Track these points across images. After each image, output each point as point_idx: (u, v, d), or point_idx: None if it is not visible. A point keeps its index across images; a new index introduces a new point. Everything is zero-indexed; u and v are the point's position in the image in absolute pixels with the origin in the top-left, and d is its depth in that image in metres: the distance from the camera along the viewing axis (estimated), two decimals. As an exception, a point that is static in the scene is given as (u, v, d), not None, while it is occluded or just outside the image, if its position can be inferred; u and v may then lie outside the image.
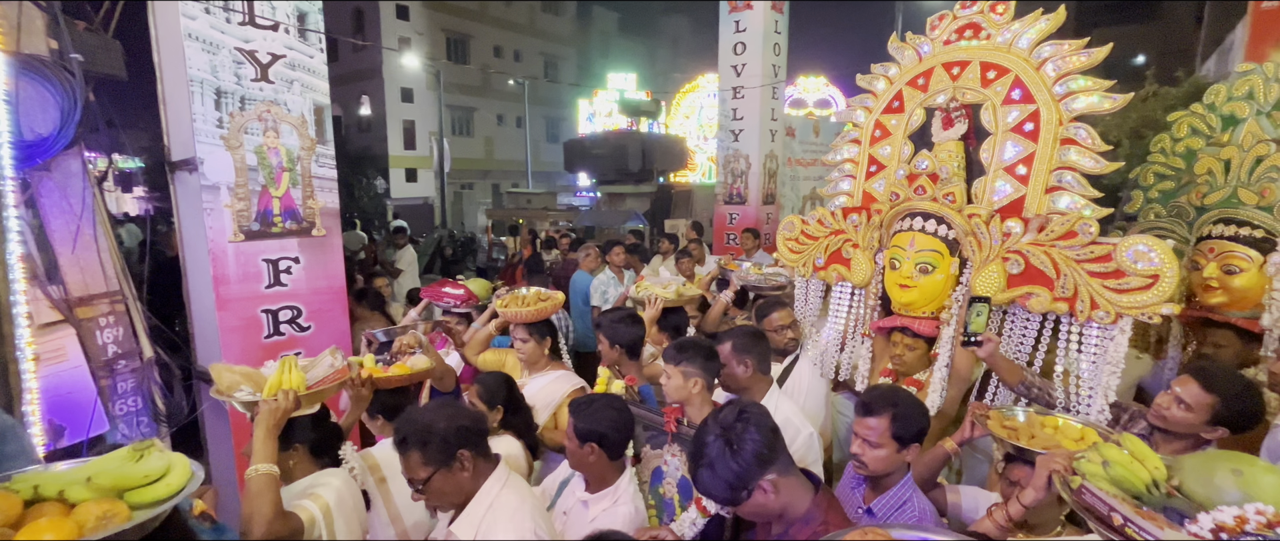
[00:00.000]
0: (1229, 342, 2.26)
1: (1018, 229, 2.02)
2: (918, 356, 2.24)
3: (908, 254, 2.17)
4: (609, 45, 32.60)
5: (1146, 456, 1.21)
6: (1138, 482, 1.17)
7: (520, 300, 2.74)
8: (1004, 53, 2.12)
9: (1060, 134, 2.00)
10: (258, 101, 3.36)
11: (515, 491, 1.67)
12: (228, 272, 3.35)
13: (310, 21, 3.55)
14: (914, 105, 2.33)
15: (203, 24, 3.15)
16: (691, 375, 2.02)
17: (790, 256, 2.69)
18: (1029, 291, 2.00)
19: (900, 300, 2.23)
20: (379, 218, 21.60)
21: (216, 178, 3.26)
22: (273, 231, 3.49)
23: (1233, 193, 2.44)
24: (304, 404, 1.86)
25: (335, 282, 3.77)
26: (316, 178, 3.64)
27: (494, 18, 26.79)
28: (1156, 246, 1.80)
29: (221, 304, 3.35)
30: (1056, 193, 2.01)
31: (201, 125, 3.19)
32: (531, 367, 2.63)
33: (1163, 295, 1.78)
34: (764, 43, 7.84)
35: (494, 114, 27.54)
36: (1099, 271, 1.89)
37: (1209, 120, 2.69)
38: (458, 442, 1.59)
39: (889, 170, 2.40)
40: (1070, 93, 2.00)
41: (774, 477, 1.37)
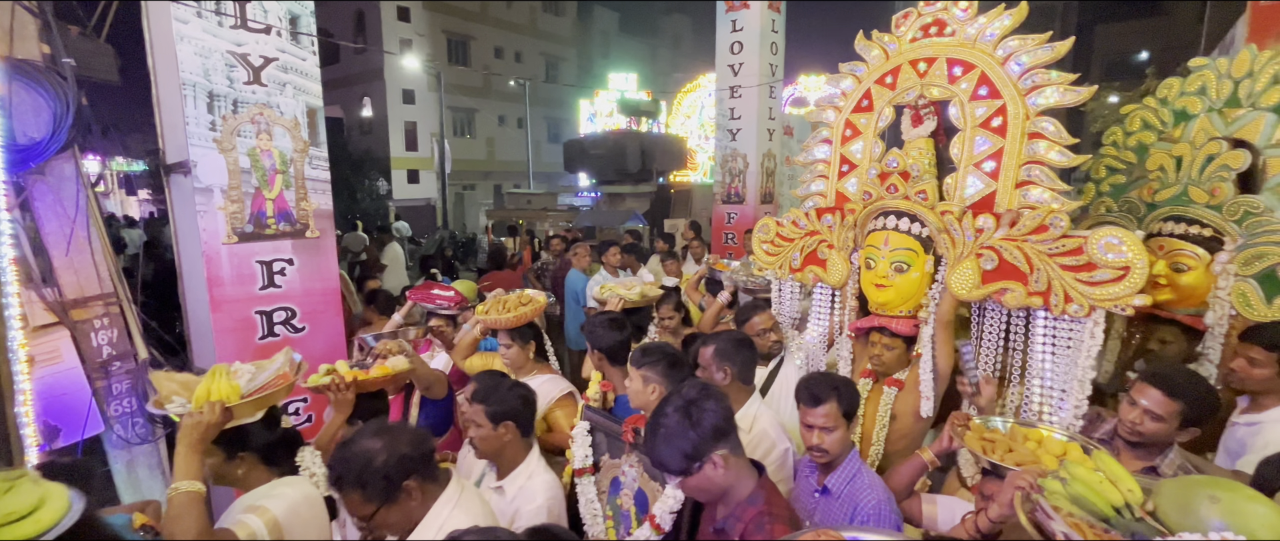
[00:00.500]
0: (1174, 339, 2.27)
1: (990, 224, 2.02)
2: (896, 356, 2.24)
3: (882, 253, 2.17)
4: (610, 45, 32.62)
5: (1121, 478, 1.18)
6: (1102, 504, 1.14)
7: (501, 305, 2.73)
8: (969, 48, 2.12)
9: (1027, 128, 2.00)
10: (250, 104, 3.39)
11: (466, 512, 1.60)
12: (222, 274, 3.37)
13: (302, 24, 3.57)
14: (883, 103, 2.34)
15: (195, 27, 3.17)
16: (651, 381, 1.99)
17: (766, 258, 2.69)
18: (1003, 287, 2.00)
19: (877, 300, 2.23)
20: (381, 219, 21.70)
21: (210, 180, 3.28)
22: (266, 233, 3.52)
23: (1183, 190, 2.43)
24: (243, 411, 1.74)
25: (329, 284, 3.79)
26: (310, 180, 3.67)
27: (495, 19, 26.84)
28: (1126, 238, 1.81)
29: (216, 305, 3.37)
30: (1026, 187, 2.01)
31: (194, 128, 3.21)
32: (517, 372, 2.62)
33: (1134, 286, 1.79)
34: (761, 42, 7.84)
35: (495, 115, 27.58)
36: (1071, 265, 1.90)
37: (1161, 115, 2.67)
38: (401, 474, 1.50)
39: (861, 169, 2.40)
40: (1035, 87, 2.00)
41: (726, 453, 1.42)
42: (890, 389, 2.23)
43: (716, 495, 1.47)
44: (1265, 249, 2.15)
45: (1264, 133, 2.33)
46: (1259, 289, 2.15)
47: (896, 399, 2.21)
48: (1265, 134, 2.33)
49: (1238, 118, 2.41)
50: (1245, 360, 1.92)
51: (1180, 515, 1.08)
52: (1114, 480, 1.17)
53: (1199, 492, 1.09)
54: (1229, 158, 2.29)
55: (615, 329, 2.56)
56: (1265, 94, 2.37)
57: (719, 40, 8.13)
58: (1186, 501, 1.09)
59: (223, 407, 1.66)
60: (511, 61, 27.66)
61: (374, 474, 1.47)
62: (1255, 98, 2.40)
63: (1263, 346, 1.88)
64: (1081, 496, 1.15)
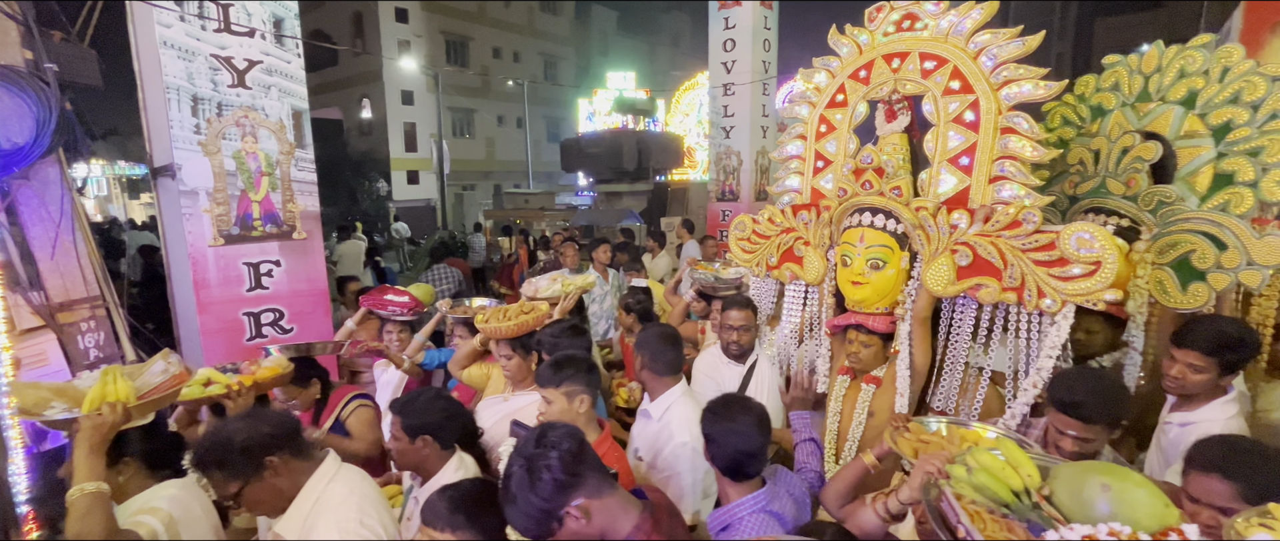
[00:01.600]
0: (1099, 329, 2.27)
1: (964, 221, 2.02)
2: (873, 353, 2.23)
3: (858, 250, 2.16)
4: (608, 44, 32.59)
5: (1021, 463, 1.19)
6: (1003, 490, 1.15)
7: (501, 314, 2.60)
8: (941, 43, 2.12)
9: (1000, 123, 2.00)
10: (235, 107, 3.42)
11: (345, 483, 1.59)
12: (208, 276, 3.40)
13: (287, 27, 3.59)
14: (857, 99, 2.33)
15: (178, 31, 3.20)
16: (576, 394, 1.90)
17: (743, 256, 2.68)
18: (978, 283, 1.99)
19: (853, 297, 2.22)
20: (382, 220, 21.75)
21: (195, 183, 3.31)
22: (253, 235, 3.55)
23: (1102, 182, 2.48)
24: (139, 413, 1.70)
25: (317, 285, 3.82)
26: (296, 182, 3.69)
27: (493, 19, 26.84)
28: (1097, 232, 1.81)
29: (202, 307, 3.40)
30: (999, 182, 2.01)
31: (178, 131, 3.24)
32: (518, 384, 2.49)
33: (1105, 281, 1.79)
34: (754, 39, 7.84)
35: (494, 115, 27.60)
36: (1044, 260, 1.90)
37: (1080, 110, 2.72)
38: (261, 450, 1.49)
39: (836, 165, 2.39)
40: (1007, 81, 1.99)
41: (583, 502, 1.27)
42: (868, 386, 2.23)
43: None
44: (1178, 237, 2.20)
45: (1173, 125, 2.41)
46: (1175, 276, 2.20)
47: (874, 396, 2.21)
48: (1174, 126, 2.40)
49: (1149, 111, 2.48)
50: (1185, 367, 1.91)
51: (1073, 501, 1.11)
52: (1015, 465, 1.18)
53: (1089, 479, 1.11)
54: (1141, 150, 2.36)
55: (575, 336, 2.45)
56: (1172, 88, 2.44)
57: (712, 38, 8.14)
58: (1078, 488, 1.11)
59: (124, 407, 1.62)
60: (510, 61, 27.67)
61: (233, 451, 1.47)
62: (1164, 92, 2.47)
63: (1201, 352, 1.88)
64: (983, 484, 1.16)
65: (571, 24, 30.77)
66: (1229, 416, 1.90)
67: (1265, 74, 2.25)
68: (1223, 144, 2.30)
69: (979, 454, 1.21)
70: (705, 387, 2.63)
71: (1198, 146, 2.36)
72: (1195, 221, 2.20)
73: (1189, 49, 2.44)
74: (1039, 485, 1.16)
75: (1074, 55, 26.32)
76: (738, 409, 1.60)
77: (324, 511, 1.54)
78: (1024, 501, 1.14)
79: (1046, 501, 1.13)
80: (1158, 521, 1.03)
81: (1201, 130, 2.36)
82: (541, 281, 3.26)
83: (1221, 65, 2.34)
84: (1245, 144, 2.24)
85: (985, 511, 1.11)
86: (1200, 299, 2.15)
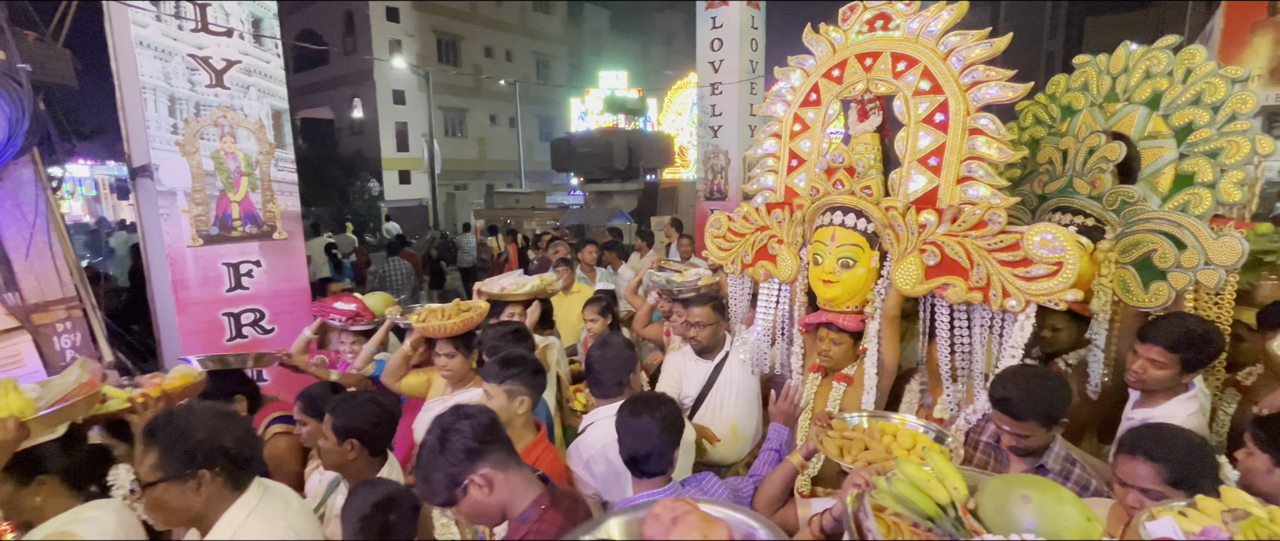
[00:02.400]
0: (1064, 326, 2.31)
1: (932, 220, 2.04)
2: (844, 351, 2.26)
3: (829, 249, 2.19)
4: (601, 44, 32.56)
5: (948, 475, 1.18)
6: (926, 503, 1.14)
7: (441, 312, 2.52)
8: (912, 44, 2.14)
9: (968, 124, 2.02)
10: (213, 107, 3.41)
11: (264, 519, 1.44)
12: (187, 277, 3.39)
13: (265, 27, 3.58)
14: (830, 98, 2.35)
15: (154, 31, 3.19)
16: (517, 394, 1.89)
17: (718, 254, 2.70)
18: (945, 282, 2.02)
19: (824, 295, 2.25)
20: (373, 220, 21.67)
21: (172, 183, 3.30)
22: (232, 235, 3.54)
23: (1069, 182, 2.49)
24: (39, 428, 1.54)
25: (298, 285, 3.81)
26: (276, 182, 3.69)
27: (485, 18, 26.76)
28: (1060, 234, 1.84)
29: (181, 308, 3.39)
30: (967, 183, 2.04)
31: (155, 132, 3.23)
32: (458, 384, 2.43)
33: (1067, 281, 1.82)
34: (741, 39, 7.86)
35: (487, 114, 27.52)
36: (1009, 260, 1.92)
37: (1050, 110, 2.75)
38: (204, 460, 1.37)
39: (809, 164, 2.41)
40: (975, 83, 2.02)
41: (488, 472, 1.33)
42: (839, 384, 2.25)
43: (496, 517, 1.37)
44: (1141, 236, 2.22)
45: (1137, 125, 2.43)
46: (1137, 275, 2.22)
47: (844, 394, 2.24)
48: (1139, 126, 2.42)
49: (1115, 112, 2.51)
50: (1147, 362, 1.92)
51: (996, 514, 1.10)
52: (942, 477, 1.17)
53: (1013, 492, 1.11)
54: (1107, 150, 2.37)
55: (518, 340, 2.39)
56: (1138, 89, 2.47)
57: (699, 37, 8.16)
58: (1002, 501, 1.11)
59: (17, 423, 1.46)
60: (502, 61, 27.60)
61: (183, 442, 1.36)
62: (1130, 92, 2.49)
63: (1164, 347, 1.89)
64: (905, 495, 1.15)
65: (564, 23, 30.73)
66: (1189, 413, 1.91)
67: (1226, 76, 2.28)
68: (1184, 145, 2.34)
69: (905, 465, 1.21)
70: (668, 386, 2.63)
71: (1161, 147, 2.39)
72: (1156, 221, 2.22)
73: (1155, 50, 2.45)
74: (965, 498, 1.15)
75: (1064, 54, 26.52)
76: (645, 408, 1.62)
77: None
78: (949, 514, 1.13)
79: (971, 515, 1.12)
80: (1080, 534, 1.04)
81: (1165, 131, 2.40)
82: (506, 280, 3.27)
83: (1185, 67, 2.37)
84: (1205, 145, 2.28)
85: (907, 524, 1.11)
86: (1161, 298, 2.17)
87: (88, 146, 16.24)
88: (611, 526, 1.16)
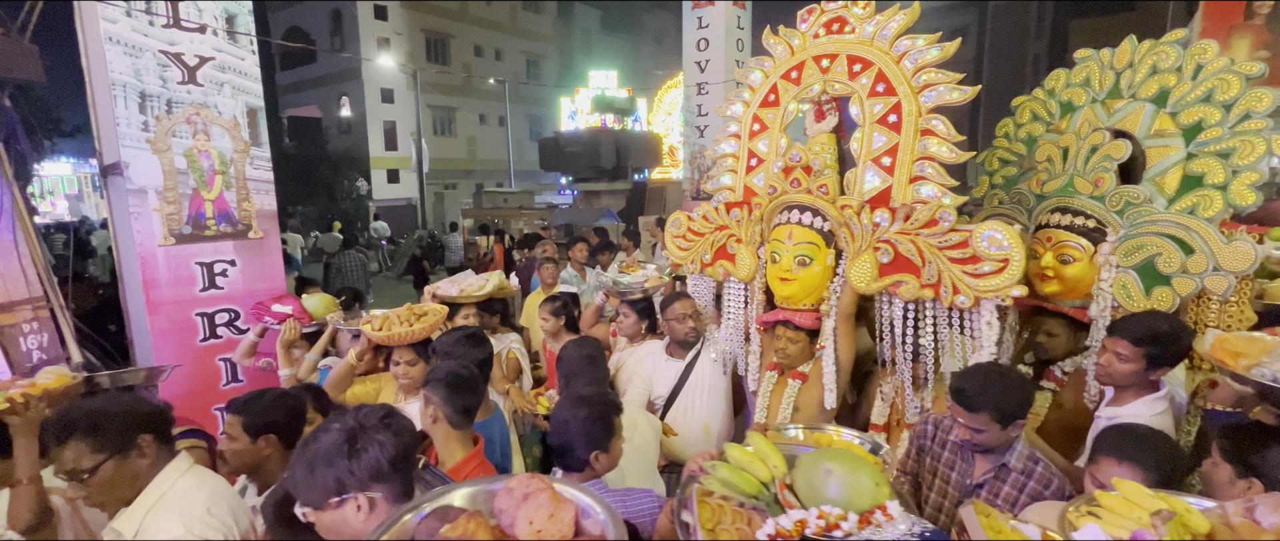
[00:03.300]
0: (1060, 332, 2.25)
1: (886, 219, 2.07)
2: (800, 348, 2.28)
3: (786, 247, 2.21)
4: (591, 43, 32.52)
5: (768, 454, 1.22)
6: (747, 483, 1.18)
7: (397, 319, 2.40)
8: (867, 46, 2.16)
9: (920, 125, 2.04)
10: (186, 104, 3.36)
11: (195, 477, 1.52)
12: (158, 276, 3.35)
13: (240, 24, 3.54)
14: (788, 99, 2.37)
15: (124, 27, 3.14)
16: (432, 404, 1.78)
17: (678, 253, 2.71)
18: (898, 280, 2.05)
19: (781, 293, 2.27)
20: (361, 219, 21.52)
21: (143, 181, 3.25)
22: (206, 234, 3.49)
23: (1069, 181, 2.40)
24: None
25: (274, 284, 3.77)
26: (252, 180, 3.64)
27: (474, 17, 26.67)
28: (1005, 231, 1.86)
29: (153, 308, 3.34)
30: (919, 182, 2.06)
31: (125, 129, 3.18)
32: (412, 392, 2.31)
33: (1013, 278, 1.85)
34: (727, 39, 7.87)
35: (476, 113, 27.43)
36: (958, 257, 1.95)
37: (1049, 106, 2.65)
38: (138, 426, 1.44)
39: (767, 164, 2.43)
40: (926, 85, 2.05)
41: (379, 498, 1.17)
42: (795, 381, 2.27)
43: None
44: (1144, 239, 2.13)
45: (1143, 123, 2.33)
46: (1139, 280, 2.15)
47: (800, 391, 2.25)
48: (1144, 124, 2.32)
49: (1119, 108, 2.41)
50: (1112, 355, 1.90)
51: (806, 488, 1.16)
52: (762, 457, 1.22)
53: (819, 467, 1.16)
54: (1110, 148, 2.28)
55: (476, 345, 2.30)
56: (1144, 85, 2.36)
57: (686, 37, 8.17)
58: (809, 476, 1.16)
59: None
60: (492, 59, 27.50)
61: (110, 419, 1.42)
62: (1135, 88, 2.39)
63: (1129, 341, 1.86)
64: (728, 478, 1.19)
65: (554, 22, 30.66)
66: (1156, 413, 1.88)
67: (1239, 72, 2.14)
68: (1193, 144, 2.20)
69: (731, 449, 1.25)
70: (638, 386, 2.63)
71: (1167, 146, 2.26)
72: (1162, 224, 2.12)
73: (1162, 45, 2.35)
74: (784, 474, 1.20)
75: (1049, 56, 26.77)
76: (571, 405, 1.62)
77: (169, 504, 1.46)
78: (769, 492, 1.18)
79: (789, 490, 1.17)
80: (870, 500, 1.10)
81: (1172, 129, 2.26)
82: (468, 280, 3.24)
83: (1194, 62, 2.25)
84: (1216, 145, 2.15)
85: (732, 505, 1.15)
86: (1164, 303, 2.09)
87: (69, 144, 16.04)
88: (455, 495, 1.13)
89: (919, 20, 2.16)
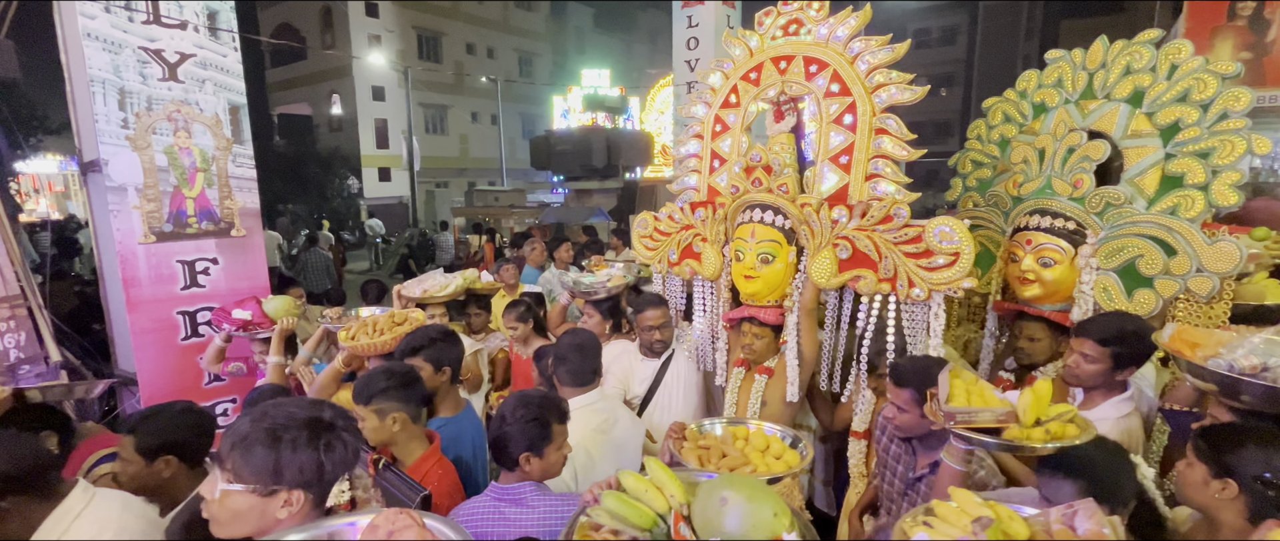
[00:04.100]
0: (1042, 336, 2.24)
1: (844, 216, 2.12)
2: (765, 344, 2.32)
3: (750, 245, 2.25)
4: (584, 41, 32.46)
5: (666, 482, 1.14)
6: (639, 517, 1.09)
7: (371, 327, 2.28)
8: (822, 48, 2.20)
9: (874, 124, 2.08)
10: (166, 101, 3.34)
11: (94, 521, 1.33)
12: (138, 275, 3.32)
13: (222, 20, 3.52)
14: (749, 99, 2.40)
15: (103, 23, 3.11)
16: (387, 411, 1.73)
17: (645, 253, 2.74)
18: (857, 275, 2.11)
19: (746, 291, 2.32)
20: (352, 218, 21.41)
21: (123, 179, 3.23)
22: (188, 232, 3.47)
23: (1047, 183, 2.37)
24: None
25: (257, 282, 3.75)
26: (234, 178, 3.62)
27: (466, 14, 26.56)
28: (955, 226, 1.92)
29: (133, 306, 3.32)
30: (875, 180, 2.11)
31: (105, 126, 3.15)
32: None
33: (963, 270, 1.90)
34: (716, 38, 7.86)
35: (468, 111, 27.33)
36: (913, 252, 2.01)
37: (1021, 108, 2.65)
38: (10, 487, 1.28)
39: (730, 164, 2.46)
40: (879, 86, 2.09)
41: (305, 500, 1.13)
42: (761, 376, 2.31)
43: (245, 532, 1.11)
44: (1125, 241, 2.13)
45: (1119, 124, 2.32)
46: (1120, 283, 2.15)
47: (766, 386, 2.29)
48: (1121, 125, 2.32)
49: (1094, 109, 2.40)
50: (1079, 356, 1.90)
51: (703, 520, 1.08)
52: (660, 485, 1.13)
53: (713, 496, 1.08)
54: (1089, 149, 2.28)
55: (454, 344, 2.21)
56: (1118, 85, 2.36)
57: (675, 37, 8.16)
58: (705, 505, 1.09)
59: None
60: (484, 57, 27.41)
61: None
62: (1109, 89, 2.38)
63: (1095, 341, 1.86)
64: (617, 510, 1.10)
65: (547, 20, 30.59)
66: (1121, 416, 1.89)
67: (1215, 72, 2.14)
68: (1171, 144, 2.20)
69: (625, 477, 1.17)
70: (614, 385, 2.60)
71: (1145, 147, 2.26)
72: (1144, 225, 2.12)
73: (1135, 45, 2.35)
74: (681, 504, 1.12)
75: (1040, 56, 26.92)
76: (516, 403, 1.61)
77: None
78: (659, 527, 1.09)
79: (686, 522, 1.10)
80: (768, 532, 1.04)
81: (1149, 130, 2.26)
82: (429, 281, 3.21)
83: (1169, 62, 2.25)
84: (1194, 145, 2.14)
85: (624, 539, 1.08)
86: (1147, 306, 2.08)
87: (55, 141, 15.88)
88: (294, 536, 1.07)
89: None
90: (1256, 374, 1.43)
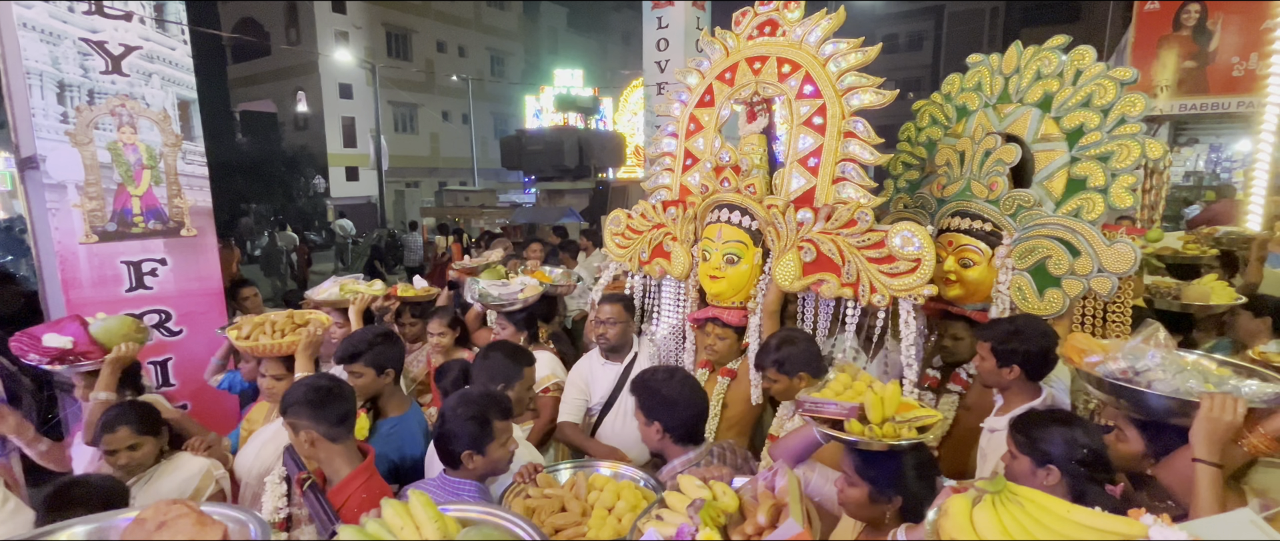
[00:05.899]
0: (964, 335, 2.30)
1: (809, 218, 2.13)
2: (728, 346, 2.32)
3: (716, 245, 2.26)
4: (557, 41, 32.31)
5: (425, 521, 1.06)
6: None
7: (269, 327, 2.16)
8: (796, 49, 2.21)
9: (843, 127, 2.10)
10: (109, 95, 3.20)
11: None
12: (79, 276, 3.19)
13: (170, 12, 3.40)
14: (723, 99, 2.40)
15: (40, 12, 2.98)
16: (301, 427, 1.61)
17: (617, 251, 2.72)
18: (820, 278, 2.11)
19: (711, 291, 2.32)
20: (319, 218, 20.91)
21: (62, 175, 3.09)
22: (133, 232, 3.34)
23: (966, 185, 2.43)
24: None
25: (209, 284, 3.63)
26: (184, 176, 3.50)
27: (437, 12, 26.17)
28: (918, 232, 1.93)
29: (73, 309, 3.17)
30: (841, 183, 2.12)
31: (42, 120, 3.02)
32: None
33: (924, 277, 1.92)
34: (686, 39, 7.90)
35: (439, 110, 26.95)
36: (875, 257, 2.03)
37: (946, 110, 2.69)
38: None
39: (702, 163, 2.46)
40: (850, 88, 2.10)
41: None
42: (723, 378, 2.31)
43: None
44: (1036, 242, 2.20)
45: (1030, 128, 2.39)
46: (1032, 282, 2.22)
47: (728, 388, 2.28)
48: (1032, 129, 2.38)
49: (1009, 113, 2.47)
50: (980, 358, 1.93)
51: None
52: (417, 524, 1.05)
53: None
54: (1002, 152, 2.32)
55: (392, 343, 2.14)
56: (1030, 90, 2.43)
57: (645, 37, 8.18)
58: None
59: None
60: (455, 56, 27.05)
61: None
62: (1022, 93, 2.44)
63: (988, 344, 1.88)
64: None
65: (520, 20, 30.35)
66: None
67: (1115, 78, 2.21)
68: (1076, 148, 2.26)
69: (388, 506, 1.11)
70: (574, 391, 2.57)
71: (1053, 150, 2.32)
72: (1051, 226, 2.18)
73: (1045, 50, 2.40)
74: None
75: (1003, 62, 27.80)
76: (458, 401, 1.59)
77: None
78: None
79: None
80: None
81: (1057, 134, 2.32)
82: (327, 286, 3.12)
83: (1074, 68, 2.31)
84: (1096, 149, 2.21)
85: None
86: (1056, 305, 2.14)
87: (0, 137, 15.15)
88: (77, 530, 1.07)
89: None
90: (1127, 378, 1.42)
